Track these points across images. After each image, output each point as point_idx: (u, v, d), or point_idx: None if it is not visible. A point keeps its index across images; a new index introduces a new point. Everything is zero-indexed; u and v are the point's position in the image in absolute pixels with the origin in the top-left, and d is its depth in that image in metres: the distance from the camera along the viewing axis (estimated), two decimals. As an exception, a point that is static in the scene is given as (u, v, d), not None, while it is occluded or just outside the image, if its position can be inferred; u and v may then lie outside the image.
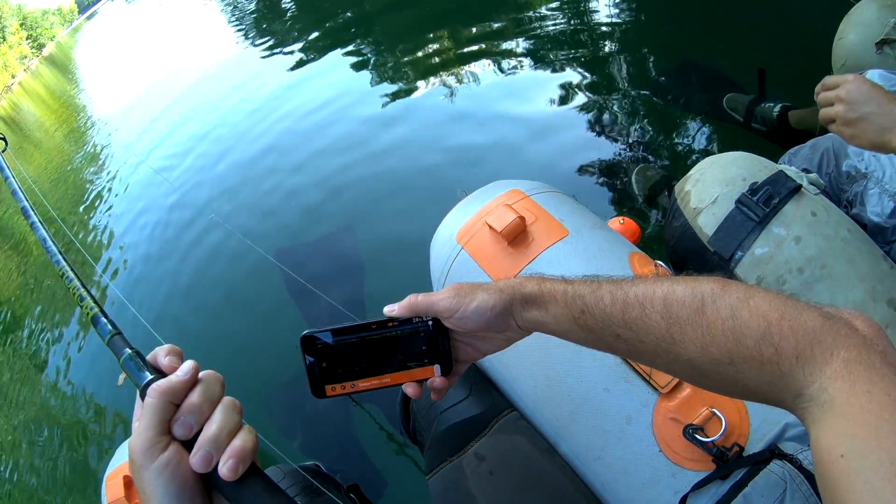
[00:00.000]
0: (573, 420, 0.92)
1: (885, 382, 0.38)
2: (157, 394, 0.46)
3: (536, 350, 0.96)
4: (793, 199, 1.06)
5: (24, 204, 0.62)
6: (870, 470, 0.34)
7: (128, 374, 0.50)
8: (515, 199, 1.09)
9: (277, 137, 3.60)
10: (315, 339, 0.60)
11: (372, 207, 2.58)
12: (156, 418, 0.46)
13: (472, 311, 0.59)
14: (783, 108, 1.86)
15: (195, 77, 5.69)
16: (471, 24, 4.04)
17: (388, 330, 0.61)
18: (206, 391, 0.48)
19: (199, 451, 0.45)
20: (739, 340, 0.45)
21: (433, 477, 0.96)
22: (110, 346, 0.54)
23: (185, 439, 0.46)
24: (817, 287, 1.02)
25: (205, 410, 0.47)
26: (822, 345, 0.42)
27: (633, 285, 0.54)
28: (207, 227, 2.94)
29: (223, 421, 0.47)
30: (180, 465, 0.45)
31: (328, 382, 0.61)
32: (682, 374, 0.54)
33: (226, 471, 0.45)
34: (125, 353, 0.52)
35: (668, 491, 0.82)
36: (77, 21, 22.95)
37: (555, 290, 0.59)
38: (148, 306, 2.67)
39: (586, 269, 0.98)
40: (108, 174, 4.69)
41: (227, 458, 0.45)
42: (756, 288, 0.48)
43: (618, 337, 0.54)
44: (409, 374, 0.62)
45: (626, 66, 2.81)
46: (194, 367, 0.49)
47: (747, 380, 0.46)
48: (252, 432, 0.48)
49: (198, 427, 0.47)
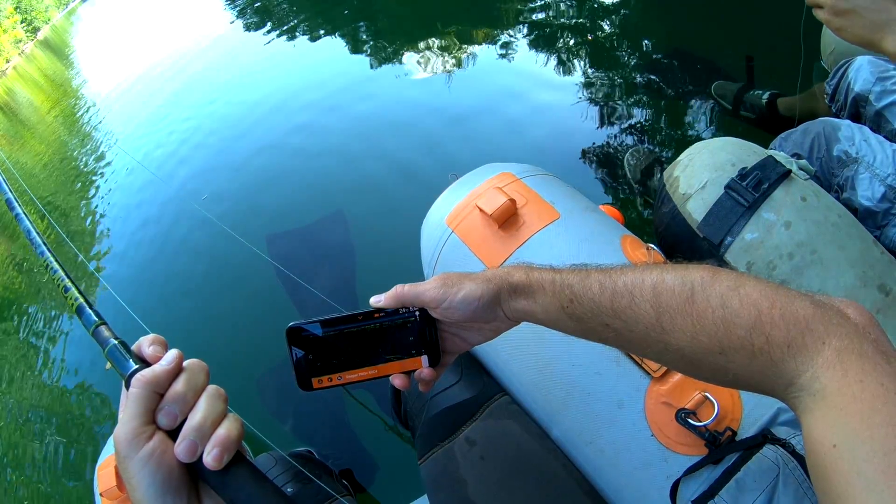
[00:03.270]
0: (565, 404, 0.91)
1: (877, 372, 0.38)
2: (141, 384, 0.46)
3: (528, 334, 0.95)
4: (782, 185, 1.06)
5: (9, 196, 0.62)
6: (863, 460, 0.34)
7: (113, 364, 0.50)
8: (506, 181, 1.08)
9: (269, 121, 3.56)
10: (301, 330, 0.59)
11: (363, 191, 2.56)
12: (140, 408, 0.45)
13: (459, 301, 0.59)
14: (772, 94, 1.86)
15: (191, 61, 5.60)
16: (469, 8, 4.02)
17: (374, 321, 0.61)
18: (190, 380, 0.48)
19: (183, 441, 0.45)
20: (730, 329, 0.45)
21: (424, 462, 0.96)
22: (95, 336, 0.53)
23: (169, 429, 0.46)
24: (808, 272, 1.02)
25: (189, 399, 0.47)
26: (814, 333, 0.41)
27: (623, 274, 0.53)
28: (195, 213, 2.91)
29: (207, 409, 0.47)
30: (165, 454, 0.45)
31: (315, 375, 0.60)
32: (672, 364, 0.53)
33: (210, 460, 0.44)
34: (110, 343, 0.51)
35: (661, 475, 0.82)
36: (73, 3, 22.44)
37: (543, 280, 0.58)
38: (135, 295, 2.65)
39: (578, 251, 0.97)
40: (98, 161, 4.60)
41: (211, 447, 0.45)
42: (746, 276, 0.47)
43: (607, 326, 0.54)
44: (396, 366, 0.62)
45: (617, 52, 2.80)
46: (178, 356, 0.49)
47: (738, 369, 0.45)
48: (237, 420, 0.48)
49: (182, 416, 0.46)
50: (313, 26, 4.86)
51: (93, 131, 5.53)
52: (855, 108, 1.34)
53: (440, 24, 3.88)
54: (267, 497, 0.46)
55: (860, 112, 1.33)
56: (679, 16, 2.84)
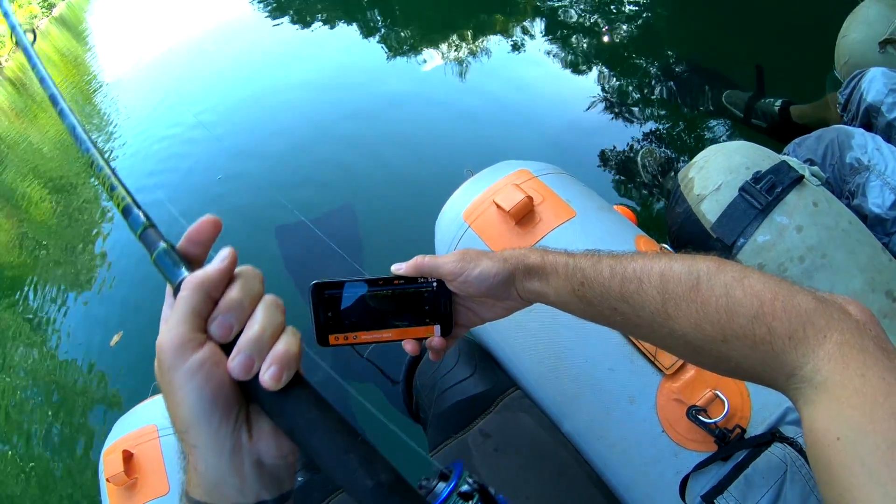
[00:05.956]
0: (577, 399, 0.92)
1: (878, 366, 0.38)
2: (192, 286, 0.40)
3: (542, 329, 0.97)
4: (795, 189, 1.07)
5: (53, 91, 0.59)
6: (866, 453, 0.35)
7: (162, 271, 0.44)
8: (523, 178, 1.09)
9: (280, 111, 3.57)
10: (325, 287, 0.61)
11: (375, 186, 2.57)
12: (191, 312, 0.39)
13: (476, 276, 0.60)
14: (784, 102, 1.87)
15: (207, 44, 5.58)
16: (488, 4, 4.01)
17: (393, 287, 0.62)
18: (246, 286, 0.42)
19: (239, 354, 0.39)
20: (732, 318, 0.46)
21: (437, 454, 0.97)
22: (142, 239, 0.47)
23: (223, 341, 0.40)
24: (817, 276, 1.04)
25: (246, 308, 0.41)
26: (815, 326, 0.42)
27: (632, 260, 0.55)
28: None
29: (266, 321, 0.41)
30: (217, 366, 0.39)
31: (332, 332, 0.62)
32: (676, 350, 0.54)
33: (268, 378, 0.39)
34: (159, 246, 0.45)
35: (670, 470, 0.83)
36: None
37: (556, 263, 0.59)
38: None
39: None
40: (111, 135, 4.62)
41: (269, 363, 0.39)
42: (752, 269, 0.48)
43: (615, 310, 0.55)
44: (409, 332, 0.64)
45: (634, 56, 2.82)
46: (232, 254, 0.43)
47: (740, 358, 0.46)
48: (297, 335, 0.42)
49: (238, 327, 0.40)
50: (332, 17, 4.86)
51: (104, 110, 5.51)
52: (867, 118, 1.35)
53: (459, 17, 3.89)
54: (331, 427, 0.41)
55: (872, 122, 1.34)
56: (693, 25, 2.85)
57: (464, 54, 3.41)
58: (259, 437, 0.42)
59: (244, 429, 0.41)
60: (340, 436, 0.41)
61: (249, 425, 0.42)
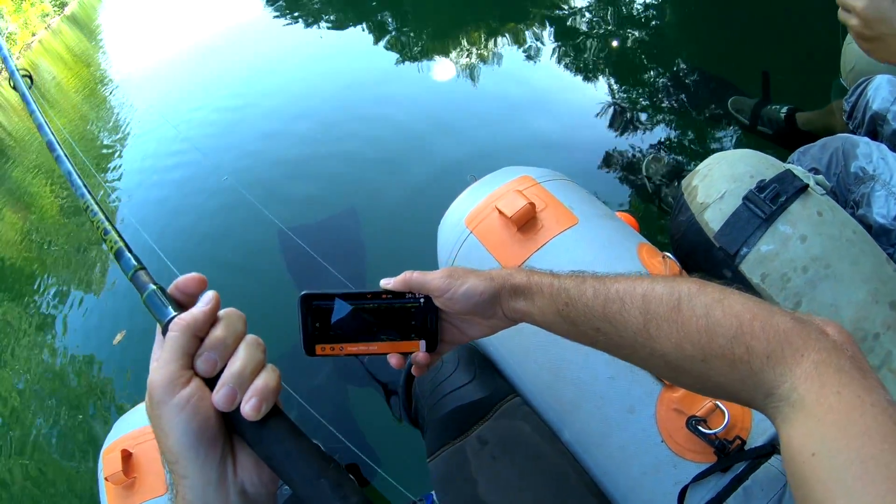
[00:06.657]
0: (576, 407, 0.92)
1: (854, 384, 0.39)
2: (179, 328, 0.44)
3: (542, 336, 0.95)
4: (800, 198, 1.06)
5: (50, 137, 0.61)
6: (841, 469, 0.36)
7: (151, 310, 0.48)
8: (526, 185, 1.09)
9: (285, 114, 3.58)
10: (314, 298, 0.62)
11: (377, 190, 2.57)
12: (179, 352, 0.44)
13: (462, 293, 0.61)
14: (790, 109, 1.86)
15: (218, 47, 5.60)
16: (497, 9, 4.03)
17: (381, 301, 0.64)
18: (229, 326, 0.47)
19: (223, 387, 0.43)
20: (712, 338, 0.46)
21: (434, 459, 0.96)
22: (133, 281, 0.52)
23: (208, 376, 0.45)
24: (821, 286, 1.03)
25: (229, 346, 0.46)
26: (793, 346, 0.43)
27: (616, 282, 0.56)
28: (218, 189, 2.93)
29: (247, 357, 0.45)
30: (202, 401, 0.43)
31: (318, 342, 0.63)
32: (657, 370, 0.55)
33: (249, 409, 0.43)
34: (148, 288, 0.50)
35: (669, 481, 0.83)
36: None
37: (542, 283, 0.61)
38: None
39: (595, 257, 0.98)
40: (125, 134, 4.61)
41: (250, 396, 0.44)
42: (732, 290, 0.49)
43: (598, 330, 0.56)
44: (395, 346, 0.65)
45: (640, 64, 2.81)
46: (215, 298, 0.48)
47: (719, 377, 0.47)
48: (275, 371, 0.47)
49: (222, 363, 0.45)
50: (340, 20, 4.88)
51: (113, 109, 5.53)
52: (872, 126, 1.34)
53: (469, 22, 3.89)
54: (304, 454, 0.44)
55: (877, 130, 1.33)
56: (701, 31, 2.85)
57: (473, 60, 3.41)
58: (243, 468, 0.46)
59: (229, 461, 0.46)
60: (314, 461, 0.44)
61: (234, 458, 0.46)
